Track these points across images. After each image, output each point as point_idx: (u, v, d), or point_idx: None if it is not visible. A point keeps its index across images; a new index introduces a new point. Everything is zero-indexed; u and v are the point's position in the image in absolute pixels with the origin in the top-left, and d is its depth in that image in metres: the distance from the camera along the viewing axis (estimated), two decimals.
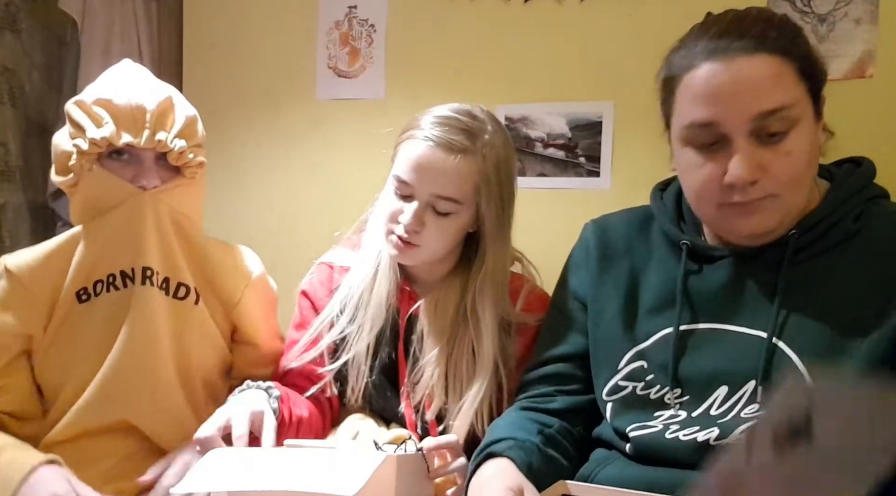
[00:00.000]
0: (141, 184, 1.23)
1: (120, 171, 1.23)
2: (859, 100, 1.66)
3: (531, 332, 1.26)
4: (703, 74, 0.96)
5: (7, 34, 2.21)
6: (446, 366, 1.25)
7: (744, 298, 1.01)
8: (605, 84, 1.90)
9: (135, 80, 1.27)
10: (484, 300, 1.25)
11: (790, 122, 0.94)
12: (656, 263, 1.11)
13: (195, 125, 1.28)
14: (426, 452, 1.06)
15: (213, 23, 2.32)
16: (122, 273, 1.22)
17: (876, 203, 1.03)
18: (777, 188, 0.96)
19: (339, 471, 0.92)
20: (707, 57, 0.96)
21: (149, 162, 1.24)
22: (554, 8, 1.95)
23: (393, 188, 1.25)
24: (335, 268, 1.36)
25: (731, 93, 0.94)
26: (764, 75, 0.93)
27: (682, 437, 0.99)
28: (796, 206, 1.00)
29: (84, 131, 1.20)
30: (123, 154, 1.23)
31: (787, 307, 0.98)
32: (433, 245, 1.24)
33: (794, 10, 1.72)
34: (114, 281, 1.23)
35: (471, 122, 1.22)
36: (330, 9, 2.19)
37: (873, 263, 0.97)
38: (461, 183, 1.20)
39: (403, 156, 1.22)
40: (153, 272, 1.22)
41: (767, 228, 1.00)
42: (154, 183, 1.23)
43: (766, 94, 0.93)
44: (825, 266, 0.99)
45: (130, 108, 1.21)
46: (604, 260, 1.15)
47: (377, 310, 1.28)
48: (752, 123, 0.94)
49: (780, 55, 0.94)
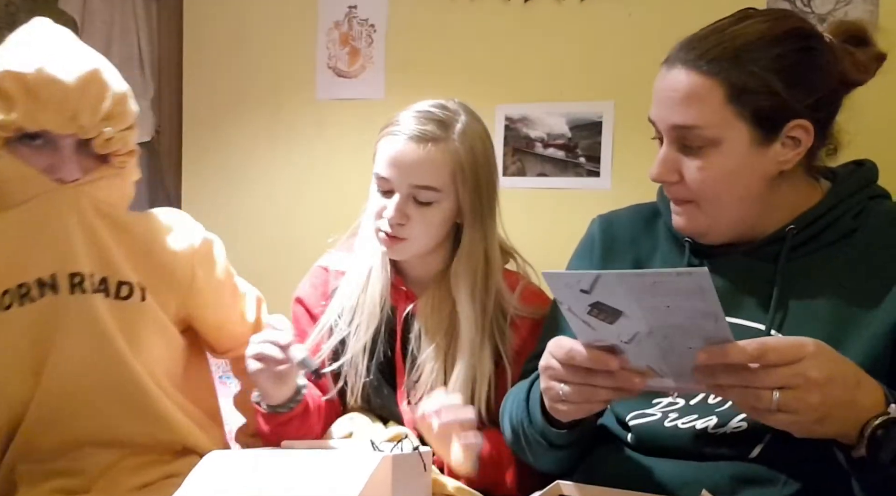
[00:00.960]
0: (58, 176, 1.03)
1: (32, 159, 1.03)
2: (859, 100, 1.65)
3: (527, 325, 1.27)
4: (658, 76, 1.02)
5: (7, 34, 2.21)
6: (445, 363, 1.26)
7: (744, 292, 1.03)
8: (605, 84, 1.90)
9: (52, 49, 1.05)
10: (458, 283, 1.26)
11: (705, 140, 0.97)
12: (660, 258, 1.13)
13: (125, 104, 1.07)
14: (441, 424, 1.09)
15: (213, 23, 2.33)
16: (38, 282, 1.04)
17: (877, 202, 1.04)
18: (690, 195, 1.01)
19: (337, 473, 0.93)
20: (666, 60, 1.01)
21: (68, 150, 1.04)
22: (554, 8, 1.95)
23: (375, 187, 1.27)
24: (331, 271, 1.36)
25: (659, 99, 1.00)
26: (684, 91, 0.97)
27: (680, 425, 1.00)
28: (726, 217, 1.02)
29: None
30: (37, 138, 1.02)
31: (785, 301, 1.00)
32: (420, 237, 1.25)
33: (794, 10, 1.72)
34: (28, 292, 1.04)
35: (442, 112, 1.25)
36: (330, 9, 2.19)
37: (871, 260, 0.98)
38: (436, 171, 1.22)
39: (381, 153, 1.26)
40: (83, 277, 1.05)
41: (689, 231, 1.05)
42: (74, 175, 1.04)
43: (679, 110, 0.98)
44: (824, 262, 1.00)
45: (46, 83, 1.00)
46: (608, 253, 1.17)
47: (372, 310, 1.29)
48: (671, 131, 1.00)
49: (711, 77, 0.96)
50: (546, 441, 1.04)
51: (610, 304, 0.82)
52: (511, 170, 1.95)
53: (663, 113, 1.00)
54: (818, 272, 1.00)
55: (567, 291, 0.85)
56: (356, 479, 0.89)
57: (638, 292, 0.80)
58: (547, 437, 1.03)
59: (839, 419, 0.80)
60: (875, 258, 0.98)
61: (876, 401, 0.81)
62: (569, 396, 0.90)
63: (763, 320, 1.00)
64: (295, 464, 0.98)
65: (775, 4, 1.74)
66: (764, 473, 0.95)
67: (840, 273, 0.99)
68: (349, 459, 0.97)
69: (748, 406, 0.81)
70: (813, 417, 0.79)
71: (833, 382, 0.78)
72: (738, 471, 0.96)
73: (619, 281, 0.80)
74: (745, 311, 1.02)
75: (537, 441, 1.05)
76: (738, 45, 0.97)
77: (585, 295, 0.82)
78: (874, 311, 0.95)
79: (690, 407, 1.01)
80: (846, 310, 0.96)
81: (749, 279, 1.03)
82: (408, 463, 1.04)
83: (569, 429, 1.01)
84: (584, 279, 0.81)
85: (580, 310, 0.84)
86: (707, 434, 0.98)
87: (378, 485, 0.94)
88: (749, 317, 1.01)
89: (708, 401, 1.00)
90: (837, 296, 0.97)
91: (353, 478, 0.90)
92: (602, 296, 0.82)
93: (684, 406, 1.02)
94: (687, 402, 1.02)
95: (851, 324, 0.95)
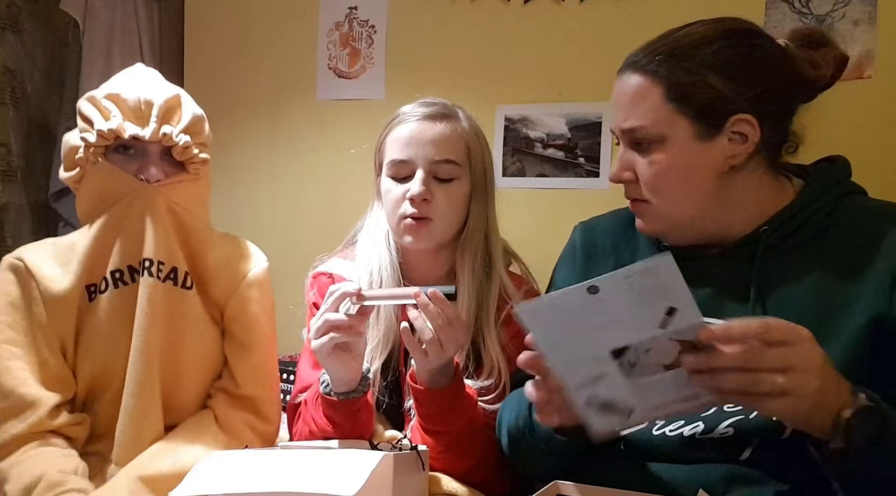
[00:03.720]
0: (144, 176, 1.23)
1: (124, 165, 1.24)
2: (858, 101, 1.66)
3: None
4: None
5: (9, 35, 2.22)
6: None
7: (723, 294, 1.03)
8: (604, 85, 1.89)
9: (145, 78, 1.29)
10: (464, 259, 1.29)
11: (652, 137, 1.02)
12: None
13: (202, 124, 1.29)
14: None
15: (214, 24, 2.33)
16: (129, 268, 1.23)
17: (850, 199, 1.04)
18: (644, 193, 1.05)
19: (338, 471, 0.93)
20: (622, 64, 1.06)
21: (154, 155, 1.25)
22: (554, 8, 1.95)
23: (388, 179, 1.27)
24: (335, 277, 1.34)
25: (615, 104, 1.06)
26: (628, 93, 1.03)
27: (668, 433, 1.01)
28: (681, 215, 1.04)
29: (92, 124, 1.21)
30: (130, 148, 1.24)
31: (762, 302, 1.00)
32: (445, 216, 1.26)
33: (792, 10, 1.73)
34: (121, 276, 1.23)
35: (441, 101, 1.33)
36: (330, 10, 2.19)
37: (844, 259, 0.99)
38: (453, 144, 1.27)
39: (393, 140, 1.28)
40: (152, 262, 1.22)
41: (649, 231, 1.09)
42: (157, 176, 1.24)
43: (627, 113, 1.03)
44: (798, 261, 1.01)
45: (139, 101, 1.22)
46: (589, 259, 1.17)
47: (388, 326, 1.27)
48: (624, 135, 1.05)
49: (649, 77, 1.01)
50: (548, 448, 1.04)
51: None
52: (511, 170, 1.95)
53: (617, 118, 1.05)
54: (794, 272, 1.00)
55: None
56: (358, 475, 0.90)
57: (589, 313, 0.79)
58: (550, 444, 1.04)
59: (827, 408, 0.81)
60: (848, 256, 0.99)
61: (845, 390, 0.83)
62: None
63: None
64: (295, 462, 0.99)
65: (773, 7, 1.74)
66: (755, 474, 0.95)
67: (815, 272, 0.99)
68: (350, 457, 0.98)
69: (745, 393, 0.79)
70: (810, 402, 0.79)
71: (826, 368, 0.80)
72: (730, 472, 0.96)
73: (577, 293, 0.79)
74: (725, 315, 1.02)
75: (540, 449, 1.06)
76: (678, 45, 1.02)
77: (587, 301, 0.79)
78: (849, 310, 0.96)
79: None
80: (823, 309, 0.97)
81: (727, 282, 1.04)
82: (407, 461, 1.04)
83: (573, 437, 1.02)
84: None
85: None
86: (695, 440, 0.99)
87: (379, 483, 0.94)
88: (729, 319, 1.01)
89: None
90: (813, 296, 0.98)
91: (355, 474, 0.90)
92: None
93: None
94: None
95: (828, 323, 0.96)
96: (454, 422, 1.14)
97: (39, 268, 1.24)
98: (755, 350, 0.78)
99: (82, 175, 1.25)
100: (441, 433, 1.15)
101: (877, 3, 1.66)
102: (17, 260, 1.25)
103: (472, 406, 1.17)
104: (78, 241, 1.26)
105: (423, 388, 1.12)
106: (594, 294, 0.77)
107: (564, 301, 0.80)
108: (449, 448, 1.15)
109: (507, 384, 1.24)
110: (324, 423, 1.18)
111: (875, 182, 1.11)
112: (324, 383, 1.18)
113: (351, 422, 1.17)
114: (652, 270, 0.77)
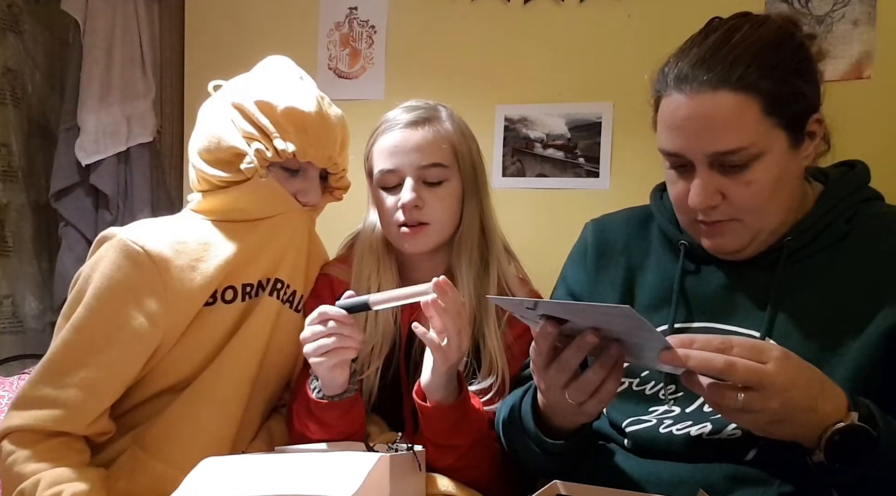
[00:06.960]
0: (304, 200, 1.25)
1: (287, 183, 1.24)
2: (857, 101, 1.66)
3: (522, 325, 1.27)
4: (670, 105, 0.98)
5: (9, 35, 2.22)
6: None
7: (738, 299, 1.03)
8: (604, 85, 1.90)
9: (310, 88, 1.27)
10: (460, 254, 1.29)
11: (750, 157, 0.95)
12: (654, 262, 1.12)
13: (348, 147, 1.32)
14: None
15: (214, 24, 2.33)
16: (259, 283, 1.23)
17: (869, 205, 1.04)
18: (737, 213, 0.99)
19: (334, 472, 0.93)
20: (676, 86, 0.97)
21: (314, 179, 1.26)
22: (554, 8, 1.95)
23: (379, 190, 1.29)
24: (334, 279, 1.35)
25: (691, 128, 0.95)
26: (721, 115, 0.93)
27: (675, 432, 1.01)
28: (766, 228, 1.01)
29: (269, 139, 1.18)
30: (296, 171, 1.24)
31: (779, 308, 1.00)
32: (439, 219, 1.27)
33: (791, 11, 1.72)
34: (251, 291, 1.22)
35: (423, 104, 1.33)
36: (330, 10, 2.19)
37: (863, 266, 0.98)
38: (438, 147, 1.27)
39: (379, 151, 1.30)
40: (284, 284, 1.24)
41: (731, 249, 1.02)
42: (316, 201, 1.26)
43: (721, 136, 0.94)
44: (817, 268, 1.00)
45: (320, 123, 1.21)
46: (601, 258, 1.17)
47: (386, 327, 1.28)
48: (710, 158, 0.96)
49: (744, 92, 0.93)
50: (540, 449, 1.04)
51: (556, 316, 0.88)
52: (510, 170, 1.95)
53: (695, 142, 0.95)
54: (812, 279, 1.00)
55: (515, 309, 0.94)
56: (355, 476, 0.90)
57: (573, 314, 0.86)
58: (541, 446, 1.04)
59: (798, 423, 0.82)
60: (867, 264, 0.98)
61: (837, 407, 0.83)
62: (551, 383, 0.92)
63: (756, 327, 0.99)
64: (291, 465, 0.99)
65: (773, 6, 1.74)
66: (759, 474, 0.95)
67: (833, 279, 0.99)
68: (347, 459, 0.98)
69: (714, 402, 0.83)
70: (770, 419, 0.81)
71: (795, 388, 0.80)
72: (733, 472, 0.96)
73: (555, 306, 0.90)
74: (738, 319, 1.02)
75: (531, 450, 1.06)
76: (754, 53, 0.94)
77: (531, 310, 0.88)
78: (867, 319, 0.95)
79: (686, 414, 1.01)
80: (839, 317, 0.97)
81: (744, 286, 1.03)
82: (404, 462, 1.04)
83: (565, 439, 1.02)
84: (526, 302, 0.88)
85: (533, 318, 0.90)
86: (702, 440, 0.99)
87: (376, 483, 0.94)
88: (742, 323, 1.01)
89: (703, 409, 1.00)
90: (831, 303, 0.98)
91: (352, 475, 0.91)
92: (546, 310, 0.88)
93: (679, 413, 1.02)
94: (682, 410, 1.02)
95: (844, 332, 0.95)
96: (463, 435, 1.15)
97: (168, 262, 1.15)
98: (721, 369, 0.80)
99: (237, 180, 1.21)
100: (451, 447, 1.15)
101: (876, 3, 1.66)
102: (138, 247, 1.14)
103: (480, 419, 1.18)
104: (214, 241, 1.20)
105: (432, 405, 1.12)
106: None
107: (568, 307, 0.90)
108: (459, 460, 1.16)
109: (508, 383, 1.24)
110: (316, 427, 1.18)
111: (874, 182, 1.11)
112: (315, 389, 1.18)
113: (344, 422, 1.17)
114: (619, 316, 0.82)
